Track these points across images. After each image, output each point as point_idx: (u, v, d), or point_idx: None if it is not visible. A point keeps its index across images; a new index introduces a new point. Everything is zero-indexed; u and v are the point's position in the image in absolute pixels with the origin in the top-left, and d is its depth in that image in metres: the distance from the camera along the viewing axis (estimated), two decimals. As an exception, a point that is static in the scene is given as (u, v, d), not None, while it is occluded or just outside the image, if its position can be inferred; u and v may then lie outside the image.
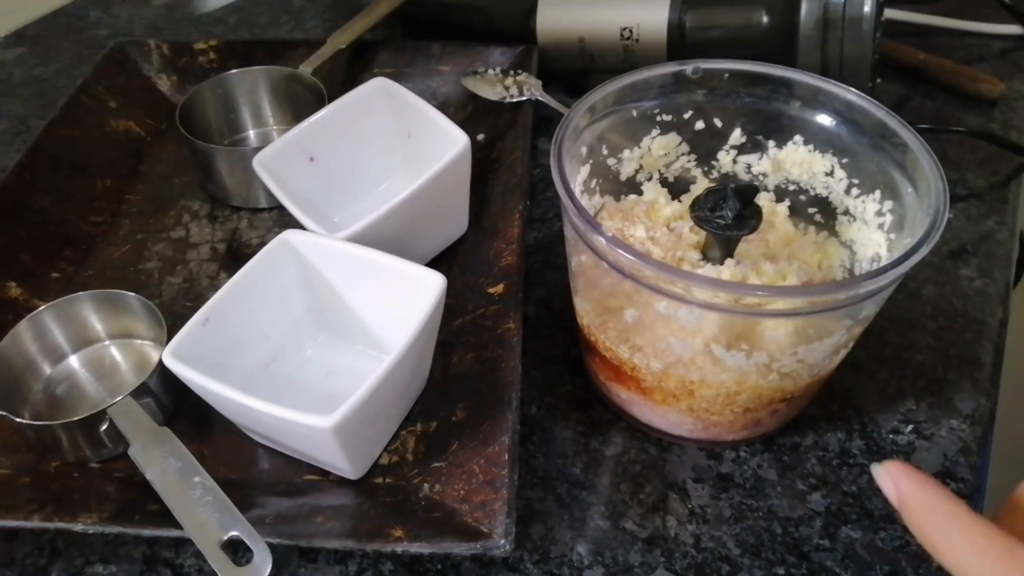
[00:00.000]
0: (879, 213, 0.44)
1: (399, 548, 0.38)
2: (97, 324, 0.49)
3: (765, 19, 0.60)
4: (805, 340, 0.39)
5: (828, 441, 0.45)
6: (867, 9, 0.56)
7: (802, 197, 0.48)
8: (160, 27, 0.81)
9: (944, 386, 0.47)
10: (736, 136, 0.48)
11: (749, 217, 0.41)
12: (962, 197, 0.59)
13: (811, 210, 0.48)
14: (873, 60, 0.57)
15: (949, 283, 0.53)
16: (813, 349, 0.39)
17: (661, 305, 0.38)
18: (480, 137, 0.61)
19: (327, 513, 0.40)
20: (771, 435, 0.45)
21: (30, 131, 0.67)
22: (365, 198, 0.56)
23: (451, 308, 0.47)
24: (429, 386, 0.47)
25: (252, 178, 0.52)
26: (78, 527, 0.39)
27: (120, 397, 0.42)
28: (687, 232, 0.45)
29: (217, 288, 0.43)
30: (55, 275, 0.53)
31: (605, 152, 0.47)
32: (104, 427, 0.42)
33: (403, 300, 0.42)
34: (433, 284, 0.42)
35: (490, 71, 0.65)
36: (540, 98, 0.62)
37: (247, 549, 0.37)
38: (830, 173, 0.46)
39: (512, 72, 0.64)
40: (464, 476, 0.41)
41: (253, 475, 0.43)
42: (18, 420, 0.42)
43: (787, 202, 0.48)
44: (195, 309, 0.42)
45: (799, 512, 0.42)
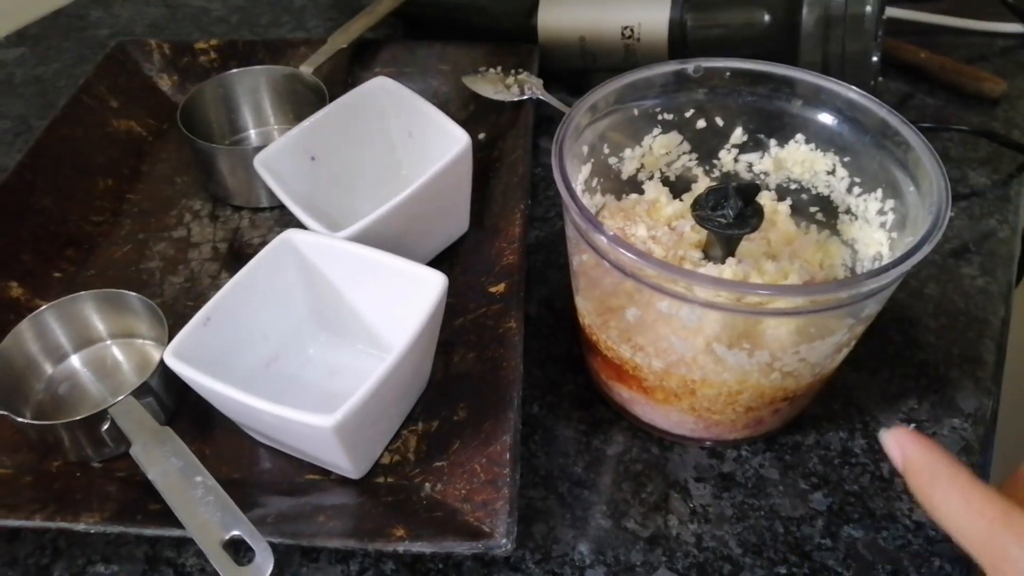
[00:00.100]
0: (881, 212, 0.44)
1: (401, 547, 0.38)
2: (99, 324, 0.49)
3: (766, 18, 0.60)
4: (807, 339, 0.39)
5: (830, 440, 0.45)
6: (869, 7, 0.56)
7: (804, 196, 0.48)
8: (161, 27, 0.81)
9: (946, 385, 0.47)
10: (737, 135, 0.48)
11: (750, 216, 0.41)
12: (964, 196, 0.59)
13: (813, 209, 0.48)
14: (875, 58, 0.57)
15: (951, 282, 0.53)
16: (815, 348, 0.39)
17: (663, 304, 0.38)
18: (481, 136, 0.61)
19: (329, 512, 0.40)
20: (773, 434, 0.45)
21: (31, 131, 0.67)
22: (366, 197, 0.55)
23: (452, 307, 0.47)
24: (430, 385, 0.47)
25: (253, 177, 0.52)
26: (80, 527, 0.39)
27: (122, 397, 0.42)
28: (688, 231, 0.45)
29: (218, 287, 0.43)
30: (57, 275, 0.53)
31: (606, 151, 0.47)
32: (106, 427, 0.42)
33: (404, 299, 0.42)
34: (434, 283, 0.42)
35: (491, 70, 0.65)
36: (541, 97, 0.62)
37: (249, 549, 0.37)
38: (832, 172, 0.46)
39: (513, 71, 0.64)
40: (466, 475, 0.41)
41: (255, 475, 0.43)
42: (20, 420, 0.42)
43: (789, 201, 0.48)
44: (196, 309, 0.42)
45: (801, 511, 0.42)
